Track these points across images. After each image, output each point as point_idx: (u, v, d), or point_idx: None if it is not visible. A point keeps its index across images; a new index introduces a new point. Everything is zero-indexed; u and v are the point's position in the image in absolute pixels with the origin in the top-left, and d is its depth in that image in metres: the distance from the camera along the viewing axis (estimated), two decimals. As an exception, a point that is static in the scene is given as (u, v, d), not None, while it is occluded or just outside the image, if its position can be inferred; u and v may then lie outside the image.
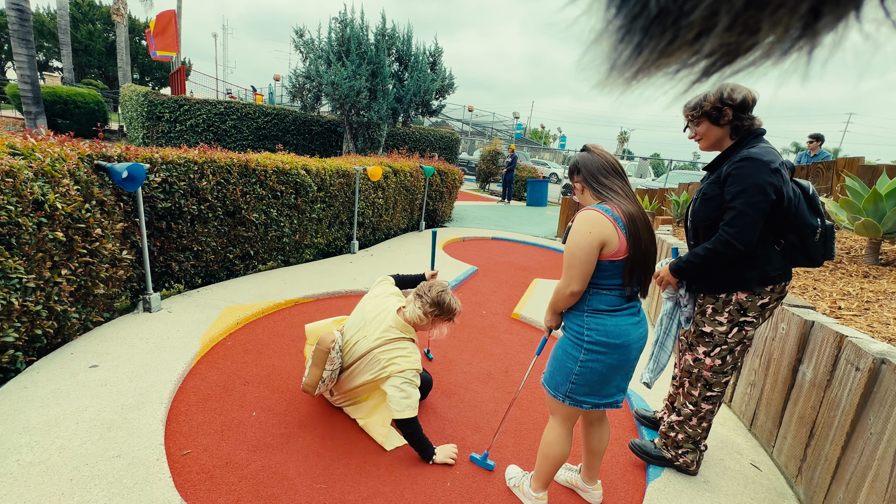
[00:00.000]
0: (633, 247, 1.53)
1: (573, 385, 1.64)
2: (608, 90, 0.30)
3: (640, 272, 1.58)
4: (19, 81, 9.61)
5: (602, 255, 1.53)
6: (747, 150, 1.74)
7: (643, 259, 1.57)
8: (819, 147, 6.72)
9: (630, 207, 1.56)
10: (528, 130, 37.45)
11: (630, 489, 2.09)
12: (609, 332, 1.58)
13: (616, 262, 1.54)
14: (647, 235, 1.58)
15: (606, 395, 1.66)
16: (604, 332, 1.58)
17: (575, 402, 1.66)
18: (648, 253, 1.58)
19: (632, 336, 1.60)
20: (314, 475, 1.96)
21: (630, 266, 1.55)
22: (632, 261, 1.54)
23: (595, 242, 1.51)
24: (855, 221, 3.21)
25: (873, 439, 1.64)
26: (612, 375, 1.62)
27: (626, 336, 1.59)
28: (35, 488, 1.65)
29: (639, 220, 1.56)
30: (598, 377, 1.61)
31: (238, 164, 3.86)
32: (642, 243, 1.55)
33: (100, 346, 2.67)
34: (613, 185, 1.60)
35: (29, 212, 2.28)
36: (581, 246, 1.52)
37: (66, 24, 17.83)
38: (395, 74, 11.16)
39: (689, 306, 2.02)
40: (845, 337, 1.87)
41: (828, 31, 0.24)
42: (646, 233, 1.57)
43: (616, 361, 1.60)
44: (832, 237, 1.80)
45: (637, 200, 1.60)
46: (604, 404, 1.67)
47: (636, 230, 1.54)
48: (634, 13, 0.26)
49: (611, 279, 1.57)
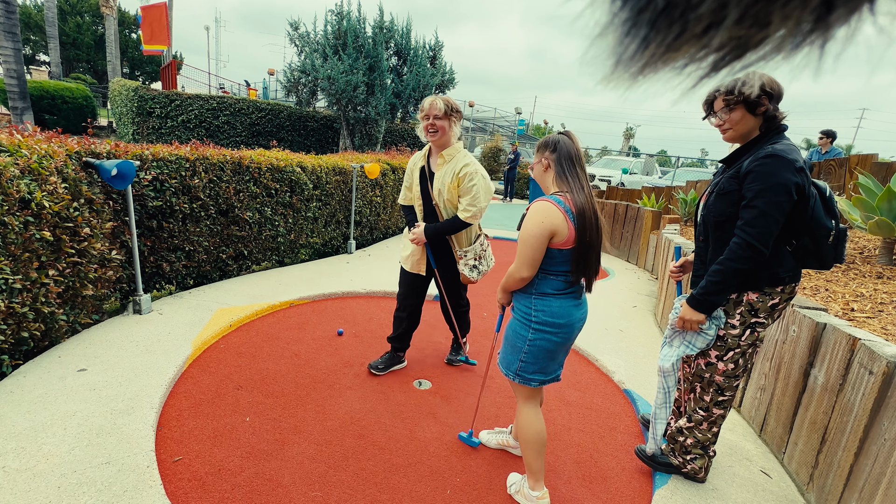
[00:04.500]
0: (579, 237, 1.66)
1: (522, 363, 1.79)
2: (614, 85, 0.30)
3: (584, 262, 1.71)
4: (5, 76, 9.47)
5: (552, 244, 1.67)
6: (772, 147, 1.67)
7: (588, 249, 1.70)
8: (830, 144, 6.66)
9: (581, 200, 1.68)
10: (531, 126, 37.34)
11: (636, 497, 2.05)
12: (555, 312, 1.73)
13: (564, 251, 1.68)
14: (594, 227, 1.70)
15: (551, 371, 1.83)
16: (549, 312, 1.73)
17: (524, 381, 1.80)
18: (593, 243, 1.71)
19: (574, 317, 1.76)
20: (309, 483, 1.92)
21: (577, 255, 1.69)
22: (578, 250, 1.68)
23: (546, 231, 1.64)
24: (868, 220, 3.16)
25: (887, 445, 1.61)
26: (557, 353, 1.79)
27: (569, 317, 1.75)
28: (21, 496, 1.61)
29: (588, 212, 1.67)
30: (546, 354, 1.77)
31: (231, 161, 3.80)
32: (588, 235, 1.67)
33: (88, 349, 2.62)
34: (577, 175, 1.73)
35: (15, 210, 2.23)
36: (533, 234, 1.65)
37: (53, 16, 17.61)
38: (394, 69, 11.07)
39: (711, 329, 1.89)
40: (858, 340, 1.84)
41: (840, 25, 0.23)
42: (592, 225, 1.69)
43: (561, 339, 1.76)
44: (844, 240, 1.77)
45: (589, 192, 1.72)
46: (548, 380, 1.84)
47: (584, 222, 1.66)
48: (641, 6, 0.26)
49: (559, 266, 1.71)
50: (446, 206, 2.56)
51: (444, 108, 2.44)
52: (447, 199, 2.53)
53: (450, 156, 2.54)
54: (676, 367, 2.00)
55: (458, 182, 2.49)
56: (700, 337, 1.90)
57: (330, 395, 2.56)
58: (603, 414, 2.69)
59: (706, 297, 1.78)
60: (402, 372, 2.93)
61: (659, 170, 17.82)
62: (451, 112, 2.48)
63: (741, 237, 1.68)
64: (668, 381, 2.02)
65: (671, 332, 2.00)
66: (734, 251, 1.70)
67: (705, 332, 1.88)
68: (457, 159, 2.54)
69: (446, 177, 2.52)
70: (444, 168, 2.54)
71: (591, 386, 3.01)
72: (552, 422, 2.55)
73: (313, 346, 3.13)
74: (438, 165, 2.56)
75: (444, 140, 2.51)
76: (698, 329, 1.88)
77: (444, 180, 2.52)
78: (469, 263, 2.66)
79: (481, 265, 2.72)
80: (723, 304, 1.83)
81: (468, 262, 2.66)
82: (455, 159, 2.54)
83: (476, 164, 2.53)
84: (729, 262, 1.71)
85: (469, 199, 2.49)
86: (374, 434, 2.27)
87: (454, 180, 2.49)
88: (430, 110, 2.45)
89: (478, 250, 2.69)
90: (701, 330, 1.89)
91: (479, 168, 2.53)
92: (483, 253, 2.72)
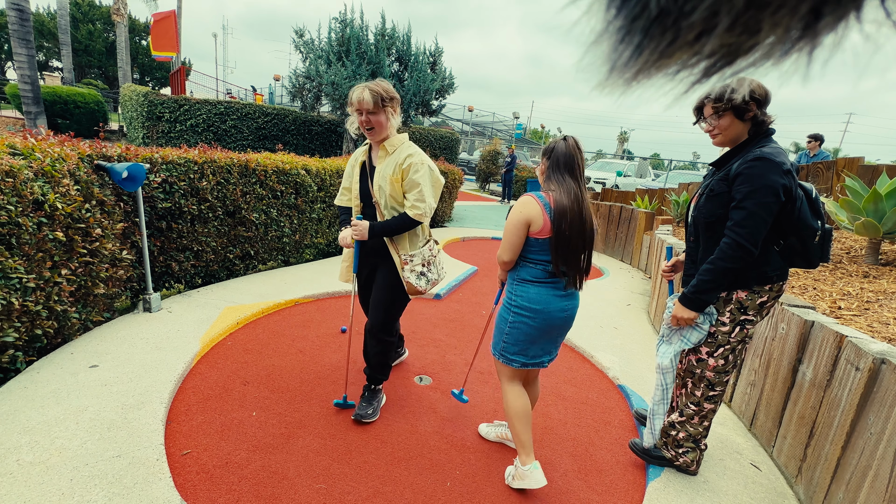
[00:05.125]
0: (555, 229, 1.77)
1: (504, 344, 1.94)
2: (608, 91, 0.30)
3: (562, 253, 1.80)
4: (19, 81, 9.61)
5: (530, 233, 1.81)
6: (760, 150, 1.71)
7: (565, 242, 1.79)
8: (818, 147, 6.72)
9: (564, 201, 1.78)
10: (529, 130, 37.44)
11: (630, 489, 2.09)
12: (531, 298, 1.86)
13: (541, 240, 1.81)
14: (575, 225, 1.79)
15: (533, 356, 1.93)
16: (526, 298, 1.86)
17: (507, 361, 1.95)
18: (572, 240, 1.80)
19: (552, 306, 1.86)
20: (314, 475, 1.96)
21: (553, 245, 1.79)
22: (554, 241, 1.78)
23: (522, 220, 1.80)
24: (855, 221, 3.21)
25: (873, 439, 1.64)
26: (536, 338, 1.90)
27: (545, 303, 1.85)
28: (35, 488, 1.65)
29: (570, 212, 1.77)
30: (525, 337, 1.89)
31: (238, 164, 3.86)
32: (566, 229, 1.77)
33: (100, 345, 2.67)
34: (563, 180, 1.83)
35: (29, 212, 2.28)
36: (511, 221, 1.82)
37: (66, 23, 17.82)
38: (395, 74, 11.16)
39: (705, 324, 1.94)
40: (845, 337, 1.87)
41: (828, 32, 0.24)
42: (573, 223, 1.78)
43: (539, 325, 1.87)
44: (830, 240, 1.79)
45: (579, 199, 1.81)
46: (531, 364, 1.94)
47: (561, 218, 1.77)
48: (635, 14, 0.26)
49: (538, 255, 1.84)
50: (388, 203, 2.24)
51: (373, 101, 2.09)
52: (389, 194, 2.22)
53: (392, 147, 2.25)
54: (675, 363, 2.04)
55: (402, 175, 2.20)
56: (695, 332, 1.94)
57: (334, 390, 2.61)
58: (598, 409, 2.73)
59: (697, 296, 1.82)
60: (403, 368, 2.97)
61: (652, 172, 17.85)
62: (386, 102, 2.15)
63: (731, 237, 1.71)
64: (666, 377, 2.06)
65: (668, 330, 2.04)
66: (724, 251, 1.73)
67: (700, 326, 1.92)
68: (400, 150, 2.24)
69: (388, 169, 2.21)
70: (385, 161, 2.24)
71: (586, 382, 3.06)
72: (548, 416, 2.59)
73: (318, 342, 3.19)
74: (380, 159, 2.26)
75: (382, 134, 2.22)
76: (693, 325, 1.94)
77: (385, 174, 2.22)
78: (416, 270, 2.32)
79: (430, 273, 2.38)
80: (713, 301, 1.87)
81: (415, 267, 2.31)
82: (398, 150, 2.24)
83: (422, 155, 2.25)
84: (719, 261, 1.74)
85: (416, 193, 2.19)
86: (377, 428, 2.32)
87: (397, 173, 2.20)
88: (361, 106, 2.11)
89: (426, 255, 2.37)
90: (696, 325, 1.93)
91: (425, 159, 2.24)
92: (433, 259, 2.41)
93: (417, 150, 2.26)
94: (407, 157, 2.21)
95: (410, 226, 2.24)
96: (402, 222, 2.22)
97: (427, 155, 2.22)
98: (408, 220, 2.21)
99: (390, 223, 2.22)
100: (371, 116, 2.13)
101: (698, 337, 1.94)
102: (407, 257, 2.30)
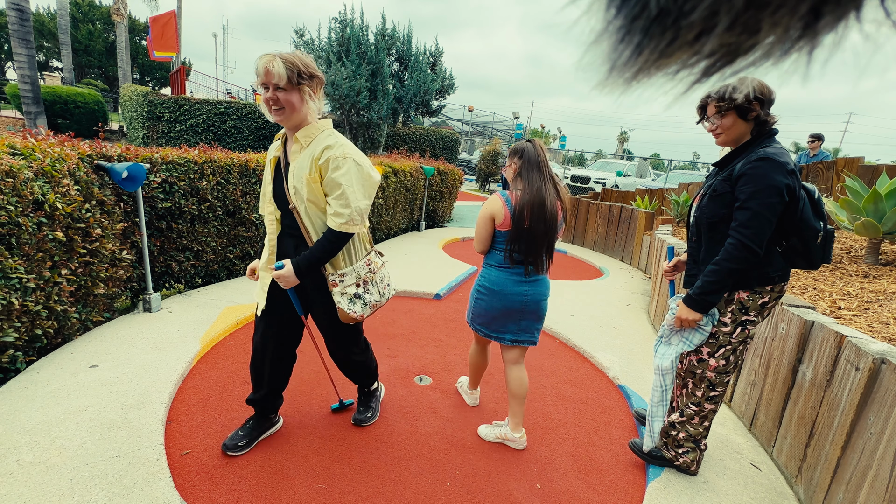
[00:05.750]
0: (515, 223, 2.01)
1: (472, 314, 2.25)
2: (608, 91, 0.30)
3: (520, 244, 2.03)
4: (19, 81, 9.61)
5: (496, 226, 2.07)
6: (763, 150, 1.70)
7: (525, 235, 2.02)
8: (819, 147, 6.73)
9: (527, 197, 2.00)
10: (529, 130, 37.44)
11: (630, 489, 2.09)
12: (492, 280, 2.13)
13: (502, 232, 2.06)
14: (535, 219, 1.99)
15: (495, 330, 2.19)
16: (488, 279, 2.15)
17: (474, 328, 2.27)
18: (532, 232, 2.01)
19: (509, 289, 2.10)
20: (314, 475, 1.96)
21: (512, 237, 2.03)
22: (514, 233, 2.02)
23: (487, 215, 2.07)
24: (855, 221, 3.21)
25: (873, 439, 1.64)
26: (498, 317, 2.15)
27: (503, 286, 2.10)
28: (35, 488, 1.65)
29: (532, 207, 1.99)
30: (485, 313, 2.17)
31: (238, 164, 3.86)
32: (525, 222, 1.99)
33: (100, 345, 2.68)
34: (532, 179, 2.03)
35: (29, 212, 2.28)
36: (480, 216, 2.10)
37: (66, 23, 17.84)
38: (395, 74, 11.17)
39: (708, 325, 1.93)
40: (845, 337, 1.87)
41: (828, 32, 0.24)
42: (533, 216, 1.99)
43: (496, 304, 2.12)
44: (832, 241, 1.79)
45: (543, 192, 2.01)
46: (493, 336, 2.21)
47: (522, 213, 1.99)
48: (634, 14, 0.26)
49: (501, 244, 2.09)
50: (308, 210, 1.77)
51: (286, 74, 1.60)
52: (308, 198, 1.74)
53: (308, 137, 1.74)
54: (675, 364, 2.03)
55: (320, 173, 1.72)
56: (697, 333, 1.94)
57: (334, 390, 2.61)
58: (598, 409, 2.73)
59: (702, 297, 1.81)
60: (402, 368, 2.97)
61: (652, 172, 17.85)
62: (303, 79, 1.65)
63: (736, 238, 1.70)
64: (665, 378, 2.06)
65: (668, 331, 2.03)
66: (729, 251, 1.72)
67: (702, 327, 1.92)
68: (317, 141, 1.74)
69: (303, 167, 1.73)
70: (301, 156, 1.75)
71: (586, 381, 3.06)
72: (548, 416, 2.60)
73: (317, 342, 3.18)
74: (293, 154, 1.77)
75: (296, 120, 1.71)
76: (696, 326, 1.93)
77: (300, 174, 1.73)
78: (348, 292, 1.87)
79: (368, 294, 1.93)
80: (718, 302, 1.87)
81: (346, 289, 1.87)
82: (315, 142, 1.74)
83: (344, 146, 1.73)
84: (724, 262, 1.73)
85: (338, 195, 1.70)
86: (377, 428, 2.32)
87: (314, 171, 1.71)
88: (267, 78, 1.61)
89: (362, 272, 1.91)
90: (698, 326, 1.92)
91: (349, 150, 1.73)
92: (371, 276, 1.95)
93: (339, 140, 1.75)
94: (324, 151, 1.70)
95: (341, 242, 1.77)
96: (329, 243, 1.75)
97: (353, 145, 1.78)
98: (334, 237, 1.74)
99: (314, 252, 1.75)
100: (280, 94, 1.63)
101: (700, 338, 1.94)
102: (335, 277, 1.85)
